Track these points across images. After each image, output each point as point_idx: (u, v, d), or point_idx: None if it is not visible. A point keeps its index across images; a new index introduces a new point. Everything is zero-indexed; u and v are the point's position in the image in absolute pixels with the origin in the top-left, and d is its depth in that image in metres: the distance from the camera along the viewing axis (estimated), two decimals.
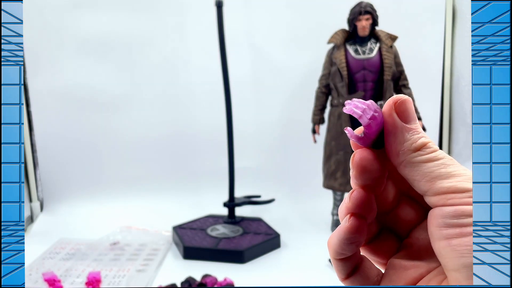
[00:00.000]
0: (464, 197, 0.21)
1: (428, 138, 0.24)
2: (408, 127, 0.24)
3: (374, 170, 0.24)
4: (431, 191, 0.22)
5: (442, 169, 0.22)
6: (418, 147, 0.23)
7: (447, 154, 0.23)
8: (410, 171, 0.23)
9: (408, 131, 0.23)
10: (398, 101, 0.24)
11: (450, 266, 0.20)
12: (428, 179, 0.22)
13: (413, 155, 0.23)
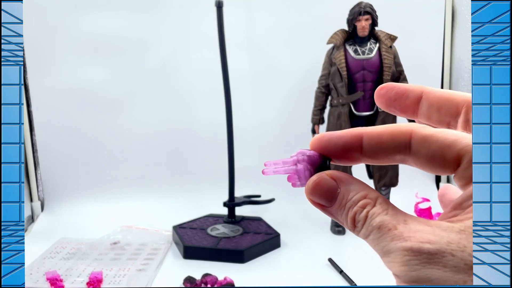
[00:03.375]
0: (400, 282, 0.20)
1: (355, 205, 0.22)
2: (334, 209, 0.23)
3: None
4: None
5: (375, 246, 0.21)
6: (351, 226, 0.22)
7: (378, 209, 0.21)
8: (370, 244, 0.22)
9: (335, 213, 0.23)
10: (310, 188, 0.23)
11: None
12: (378, 253, 0.21)
13: (355, 233, 0.22)
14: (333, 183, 0.23)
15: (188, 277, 0.88)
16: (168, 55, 1.30)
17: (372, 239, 0.21)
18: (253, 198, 1.16)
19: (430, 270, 0.19)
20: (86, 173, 1.33)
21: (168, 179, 1.35)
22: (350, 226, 0.22)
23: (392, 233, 0.21)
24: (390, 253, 0.20)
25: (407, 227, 0.21)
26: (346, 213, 0.22)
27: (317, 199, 0.23)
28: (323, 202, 0.23)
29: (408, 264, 0.19)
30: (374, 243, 0.21)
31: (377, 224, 0.21)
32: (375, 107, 1.06)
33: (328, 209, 0.23)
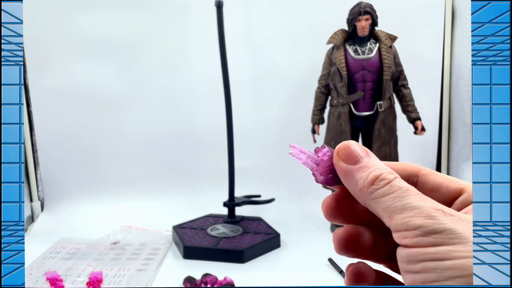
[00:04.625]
0: (416, 236, 0.20)
1: (381, 169, 0.24)
2: (356, 167, 0.24)
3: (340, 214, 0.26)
4: (392, 227, 0.22)
5: (397, 202, 0.22)
6: (370, 181, 0.23)
7: (405, 183, 0.23)
8: (374, 208, 0.23)
9: (357, 171, 0.24)
10: (339, 149, 0.25)
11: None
12: (387, 214, 0.22)
13: (369, 191, 0.23)
14: (365, 151, 0.25)
15: (188, 277, 0.88)
16: (168, 55, 1.30)
17: (394, 197, 0.22)
18: (253, 198, 1.16)
19: (457, 226, 0.20)
20: (86, 173, 1.33)
21: (168, 179, 1.35)
22: (368, 182, 0.23)
23: (422, 196, 0.22)
24: (415, 208, 0.21)
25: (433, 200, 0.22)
26: (370, 171, 0.24)
27: (346, 153, 0.25)
28: (349, 160, 0.25)
29: (435, 217, 0.20)
30: (394, 201, 0.22)
31: (406, 186, 0.22)
32: (375, 107, 1.06)
33: (349, 168, 0.24)
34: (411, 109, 1.08)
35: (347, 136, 1.06)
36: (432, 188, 0.25)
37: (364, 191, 0.23)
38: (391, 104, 1.07)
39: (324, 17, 1.24)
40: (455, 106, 1.29)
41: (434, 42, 1.29)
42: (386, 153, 1.07)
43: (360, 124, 1.08)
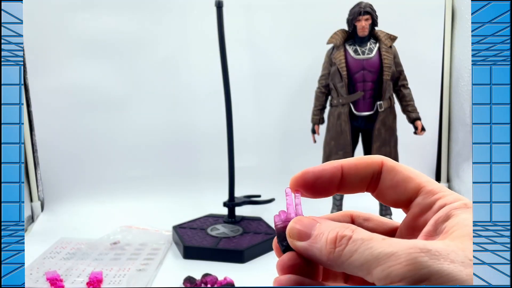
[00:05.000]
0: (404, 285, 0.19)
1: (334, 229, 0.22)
2: (311, 240, 0.23)
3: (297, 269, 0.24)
4: (376, 282, 0.20)
5: (368, 256, 0.20)
6: (331, 245, 0.22)
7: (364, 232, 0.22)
8: (351, 271, 0.21)
9: (314, 243, 0.23)
10: (289, 232, 0.24)
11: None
12: (366, 271, 0.20)
13: (336, 256, 0.22)
14: (312, 220, 0.24)
15: (188, 277, 0.88)
16: (168, 55, 1.30)
17: (363, 251, 0.20)
18: (253, 198, 1.16)
19: (441, 266, 0.19)
20: (86, 173, 1.33)
21: (168, 179, 1.35)
22: (329, 247, 0.22)
23: (389, 240, 0.20)
24: (390, 256, 0.20)
25: (399, 239, 0.21)
26: (325, 236, 0.22)
27: (297, 232, 0.24)
28: (302, 237, 0.23)
29: (416, 262, 0.19)
30: (364, 254, 0.20)
31: (368, 236, 0.21)
32: (375, 107, 1.06)
33: (304, 244, 0.23)
34: (411, 109, 1.08)
35: (347, 135, 1.06)
36: (390, 185, 0.25)
37: (332, 258, 0.22)
38: (391, 104, 1.07)
39: (324, 17, 1.24)
40: (455, 106, 1.29)
41: (434, 42, 1.29)
42: (386, 153, 1.07)
43: (360, 124, 1.08)
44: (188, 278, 0.88)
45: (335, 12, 1.12)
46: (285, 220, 0.25)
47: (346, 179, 0.25)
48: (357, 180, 0.25)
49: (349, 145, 1.07)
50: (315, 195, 0.26)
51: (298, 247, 0.23)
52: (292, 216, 0.25)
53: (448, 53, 1.28)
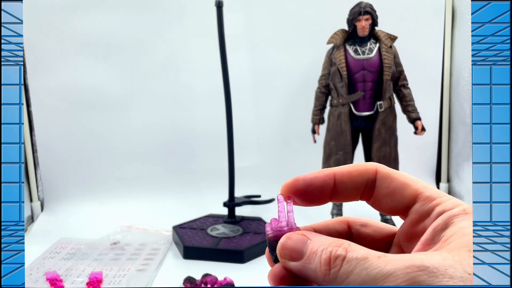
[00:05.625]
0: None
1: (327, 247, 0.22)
2: (304, 260, 0.22)
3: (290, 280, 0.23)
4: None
5: (365, 277, 0.20)
6: (326, 267, 0.21)
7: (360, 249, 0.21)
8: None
9: (308, 264, 0.22)
10: (280, 252, 0.23)
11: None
12: (371, 283, 0.20)
13: (331, 278, 0.21)
14: (302, 237, 0.23)
15: (188, 277, 0.88)
16: (168, 55, 1.30)
17: (359, 272, 0.20)
18: (253, 198, 1.16)
19: (440, 283, 0.19)
20: (86, 173, 1.33)
21: (168, 179, 1.35)
22: (324, 269, 0.21)
23: (385, 258, 0.20)
24: (388, 276, 0.19)
25: (395, 254, 0.20)
26: (319, 256, 0.22)
27: (288, 251, 0.23)
28: (294, 256, 0.23)
29: (414, 281, 0.19)
30: (361, 275, 0.20)
31: (363, 255, 0.20)
32: (375, 107, 1.06)
33: (297, 265, 0.22)
34: (411, 109, 1.08)
35: (347, 135, 1.06)
36: (386, 193, 0.24)
37: (328, 279, 0.21)
38: (391, 104, 1.07)
39: (324, 17, 1.24)
40: (455, 106, 1.29)
41: (434, 42, 1.29)
42: (386, 153, 1.07)
43: (360, 124, 1.08)
44: (188, 278, 0.88)
45: (335, 12, 1.12)
46: (276, 229, 0.25)
47: (339, 187, 0.25)
48: (351, 188, 0.25)
49: (349, 145, 1.07)
50: (307, 203, 0.26)
51: (291, 267, 0.23)
52: (283, 224, 0.25)
53: (448, 53, 1.28)
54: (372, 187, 0.25)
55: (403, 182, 0.24)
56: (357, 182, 0.25)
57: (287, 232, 0.24)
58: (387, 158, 1.07)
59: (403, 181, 0.24)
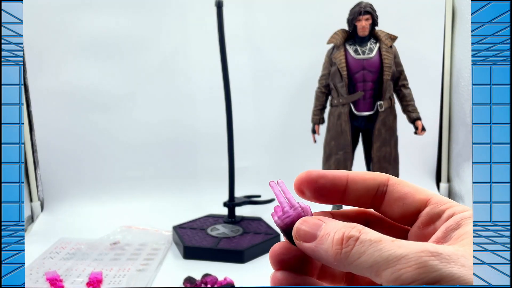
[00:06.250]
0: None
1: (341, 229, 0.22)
2: (317, 241, 0.23)
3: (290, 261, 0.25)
4: (384, 284, 0.20)
5: (377, 257, 0.20)
6: (338, 246, 0.22)
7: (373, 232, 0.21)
8: (358, 272, 0.21)
9: (320, 244, 0.23)
10: (295, 233, 0.24)
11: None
12: (374, 273, 0.20)
13: (343, 257, 0.21)
14: (317, 220, 0.24)
15: (188, 277, 0.88)
16: (168, 55, 1.30)
17: (372, 252, 0.20)
18: (253, 198, 1.16)
19: (452, 269, 0.19)
20: (86, 173, 1.33)
21: (168, 179, 1.35)
22: (336, 248, 0.22)
23: (398, 242, 0.20)
24: (400, 258, 0.20)
25: (409, 241, 0.21)
26: (331, 237, 0.22)
27: (302, 234, 0.24)
28: (308, 238, 0.23)
29: (427, 265, 0.19)
30: (374, 256, 0.20)
31: (377, 237, 0.21)
32: (375, 107, 1.06)
33: (312, 246, 0.23)
34: (412, 109, 1.08)
35: (347, 135, 1.06)
36: (398, 197, 0.25)
37: (338, 258, 0.22)
38: (392, 104, 1.07)
39: (324, 17, 1.24)
40: (456, 106, 1.29)
41: (434, 42, 1.29)
42: (386, 153, 1.07)
43: (360, 124, 1.08)
44: (188, 278, 0.88)
45: (335, 12, 1.12)
46: (283, 217, 0.25)
47: (352, 187, 0.26)
48: (363, 189, 0.26)
49: (349, 145, 1.07)
50: (318, 197, 0.26)
51: (304, 248, 0.23)
52: (286, 208, 0.25)
53: (449, 53, 1.28)
54: (383, 192, 0.26)
55: (414, 188, 0.25)
56: (370, 185, 0.25)
57: (294, 215, 0.25)
58: (387, 158, 1.07)
59: (414, 187, 0.25)
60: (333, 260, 0.22)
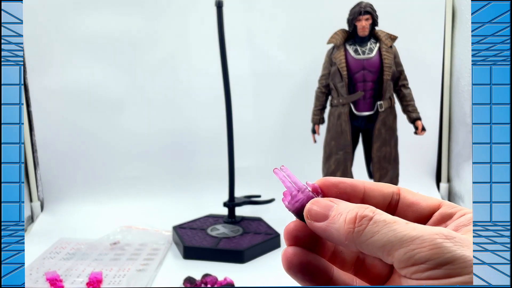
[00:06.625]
0: (427, 270, 0.20)
1: (354, 209, 0.23)
2: (329, 220, 0.23)
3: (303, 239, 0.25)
4: (395, 264, 0.21)
5: (391, 237, 0.21)
6: (351, 225, 0.22)
7: (387, 214, 0.22)
8: (369, 250, 0.22)
9: (332, 223, 0.23)
10: (307, 213, 0.25)
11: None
12: (386, 252, 0.21)
13: (355, 236, 0.22)
14: (329, 201, 0.25)
15: (188, 277, 0.88)
16: (168, 55, 1.30)
17: (386, 232, 0.21)
18: (253, 198, 1.16)
19: (465, 252, 0.19)
20: (86, 173, 1.33)
21: (168, 179, 1.35)
22: (348, 227, 0.22)
23: (413, 224, 0.21)
24: (415, 239, 0.20)
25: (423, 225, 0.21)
26: (344, 216, 0.23)
27: (314, 214, 0.24)
28: (320, 218, 0.24)
29: (441, 246, 0.20)
30: (388, 236, 0.21)
31: (392, 219, 0.22)
32: (375, 107, 1.06)
33: (323, 225, 0.24)
34: (412, 109, 1.08)
35: (347, 135, 1.06)
36: (412, 202, 0.26)
37: (350, 237, 0.22)
38: (392, 104, 1.07)
39: (324, 17, 1.24)
40: (456, 106, 1.29)
41: (435, 42, 1.29)
42: (386, 153, 1.07)
43: (361, 124, 1.08)
44: (188, 278, 0.88)
45: (335, 12, 1.12)
46: (293, 202, 0.26)
47: (369, 195, 0.26)
48: (380, 197, 0.26)
49: (349, 145, 1.07)
50: None
51: (316, 228, 0.24)
52: (294, 192, 0.26)
53: (449, 53, 1.28)
54: (397, 200, 0.26)
55: (425, 196, 0.26)
56: (385, 192, 0.26)
57: (304, 198, 0.25)
58: (387, 158, 1.07)
59: (423, 195, 0.26)
60: (345, 238, 0.22)
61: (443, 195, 1.33)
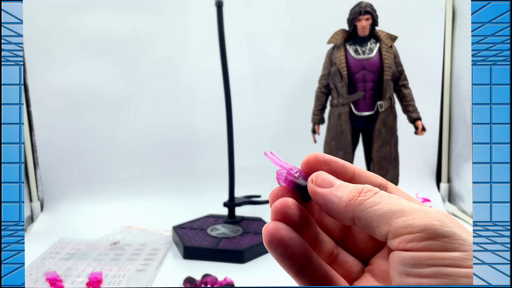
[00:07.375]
0: (423, 239, 0.20)
1: (361, 185, 0.24)
2: (334, 188, 0.24)
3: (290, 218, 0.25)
4: (391, 232, 0.21)
5: (393, 207, 0.21)
6: (356, 194, 0.23)
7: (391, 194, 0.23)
8: (366, 218, 0.22)
9: (336, 191, 0.24)
10: (313, 177, 0.25)
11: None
12: (384, 220, 0.21)
13: (357, 203, 0.22)
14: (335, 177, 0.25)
15: (188, 278, 0.88)
16: (168, 55, 1.30)
17: (389, 203, 0.21)
18: (253, 198, 1.16)
19: (461, 231, 0.20)
20: (86, 173, 1.33)
21: (168, 179, 1.35)
22: (352, 195, 0.23)
23: (415, 205, 0.21)
24: (417, 210, 0.21)
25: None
26: (350, 187, 0.23)
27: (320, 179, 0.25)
28: (325, 184, 0.25)
29: (441, 220, 0.20)
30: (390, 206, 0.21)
31: (396, 196, 0.22)
32: (376, 107, 1.06)
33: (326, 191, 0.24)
34: (412, 109, 1.08)
35: (347, 136, 1.06)
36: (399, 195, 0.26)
37: (351, 204, 0.22)
38: (392, 104, 1.07)
39: (325, 17, 1.24)
40: (456, 106, 1.29)
41: (435, 42, 1.29)
42: (387, 153, 1.07)
43: (361, 124, 1.08)
44: (188, 278, 0.88)
45: (335, 12, 1.12)
46: (293, 172, 0.27)
47: (357, 180, 0.26)
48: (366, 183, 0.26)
49: (349, 145, 1.07)
50: None
51: (317, 193, 0.24)
52: (289, 167, 0.27)
53: (449, 53, 1.28)
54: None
55: (413, 198, 0.26)
56: (372, 182, 0.26)
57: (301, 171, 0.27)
58: (387, 158, 1.07)
59: (410, 196, 0.26)
60: (345, 205, 0.23)
61: (443, 195, 1.33)
